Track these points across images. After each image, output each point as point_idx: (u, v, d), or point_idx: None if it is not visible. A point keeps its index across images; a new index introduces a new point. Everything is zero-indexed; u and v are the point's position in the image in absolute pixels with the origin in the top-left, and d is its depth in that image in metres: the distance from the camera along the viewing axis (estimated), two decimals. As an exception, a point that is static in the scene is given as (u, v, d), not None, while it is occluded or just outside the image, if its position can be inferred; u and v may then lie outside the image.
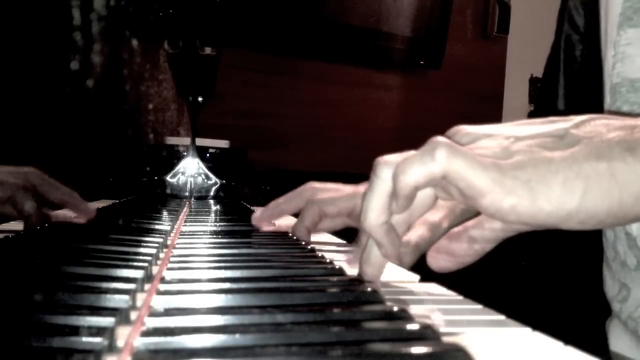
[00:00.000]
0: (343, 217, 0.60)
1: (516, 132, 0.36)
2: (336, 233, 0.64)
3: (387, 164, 0.36)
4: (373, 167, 0.37)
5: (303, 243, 0.54)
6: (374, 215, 0.36)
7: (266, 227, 0.65)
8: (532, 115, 0.70)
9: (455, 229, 0.40)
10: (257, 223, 0.65)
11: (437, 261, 0.40)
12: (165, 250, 0.47)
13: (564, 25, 0.64)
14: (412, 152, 0.36)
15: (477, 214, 0.40)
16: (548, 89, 0.64)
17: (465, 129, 0.39)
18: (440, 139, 0.34)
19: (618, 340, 0.60)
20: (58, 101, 0.86)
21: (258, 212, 0.65)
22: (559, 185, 0.32)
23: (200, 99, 1.19)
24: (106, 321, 0.25)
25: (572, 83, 0.62)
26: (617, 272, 0.58)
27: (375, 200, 0.36)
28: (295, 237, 0.59)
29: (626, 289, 0.57)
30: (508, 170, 0.33)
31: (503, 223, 0.38)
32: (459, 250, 0.40)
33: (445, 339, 0.24)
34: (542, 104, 0.66)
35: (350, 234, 0.59)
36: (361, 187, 0.57)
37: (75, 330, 0.23)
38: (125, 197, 1.09)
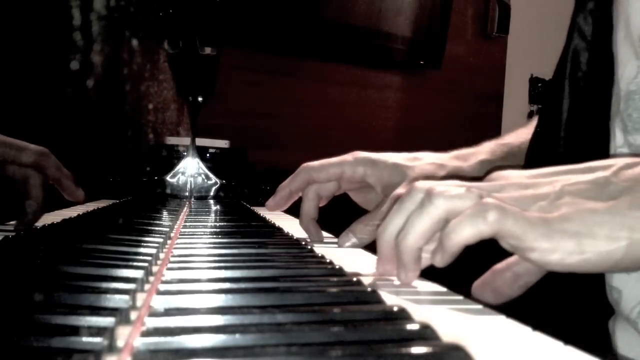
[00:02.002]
0: (334, 184, 0.65)
1: (559, 182, 0.37)
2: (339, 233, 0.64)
3: (444, 197, 0.37)
4: (429, 193, 0.38)
5: (303, 243, 0.54)
6: (415, 239, 0.38)
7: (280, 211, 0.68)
8: (538, 113, 0.70)
9: (499, 265, 0.41)
10: (271, 210, 0.68)
11: (482, 296, 0.42)
12: (165, 250, 0.47)
13: (574, 33, 0.65)
14: (465, 196, 0.37)
15: None
16: (554, 93, 0.65)
17: (507, 178, 0.40)
18: (490, 200, 0.36)
19: (624, 339, 0.59)
20: (58, 101, 0.86)
21: (271, 200, 0.67)
22: (604, 236, 0.34)
23: (200, 99, 1.19)
24: (106, 321, 0.25)
25: (577, 89, 0.63)
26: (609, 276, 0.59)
27: (424, 226, 0.38)
28: (289, 233, 0.60)
29: (617, 292, 0.57)
30: (555, 224, 0.34)
31: None
32: (503, 286, 0.41)
33: (445, 338, 0.24)
34: (548, 106, 0.67)
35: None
36: (348, 156, 0.64)
37: (75, 330, 0.23)
38: (125, 197, 1.09)
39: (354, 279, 0.36)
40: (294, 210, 0.97)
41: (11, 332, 0.23)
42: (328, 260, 0.43)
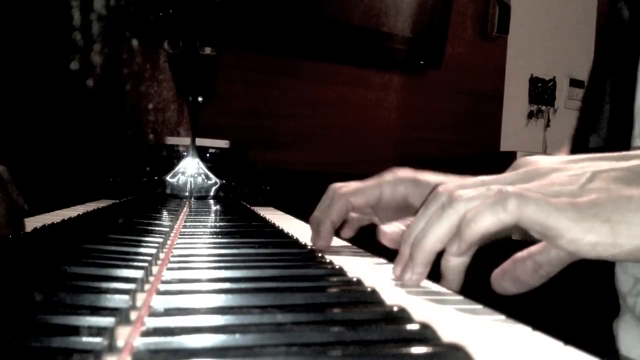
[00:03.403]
0: (369, 211, 0.59)
1: (590, 167, 0.36)
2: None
3: (464, 200, 0.37)
4: (450, 196, 0.38)
5: (303, 243, 0.54)
6: (432, 242, 0.38)
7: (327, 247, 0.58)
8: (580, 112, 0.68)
9: (520, 254, 0.41)
10: (324, 249, 0.56)
11: (501, 285, 0.41)
12: (165, 250, 0.47)
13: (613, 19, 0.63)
14: (484, 194, 0.36)
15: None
16: (594, 96, 0.64)
17: (533, 163, 0.38)
18: (510, 188, 0.35)
19: (628, 337, 0.59)
20: (58, 101, 0.86)
21: (319, 241, 0.57)
22: (639, 223, 0.32)
23: (200, 99, 1.19)
24: (106, 321, 0.25)
25: (618, 89, 0.61)
26: (630, 267, 0.58)
27: (442, 229, 0.37)
28: (289, 233, 0.58)
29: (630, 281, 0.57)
30: (586, 209, 0.33)
31: None
32: (523, 276, 0.40)
33: (445, 338, 0.24)
34: (588, 110, 0.65)
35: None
36: (386, 175, 0.57)
37: (75, 330, 0.23)
38: (125, 197, 1.09)
39: (354, 278, 0.36)
40: (294, 210, 0.97)
41: (11, 332, 0.23)
42: (328, 261, 0.43)
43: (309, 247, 0.51)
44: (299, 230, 0.65)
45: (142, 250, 0.44)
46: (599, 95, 0.62)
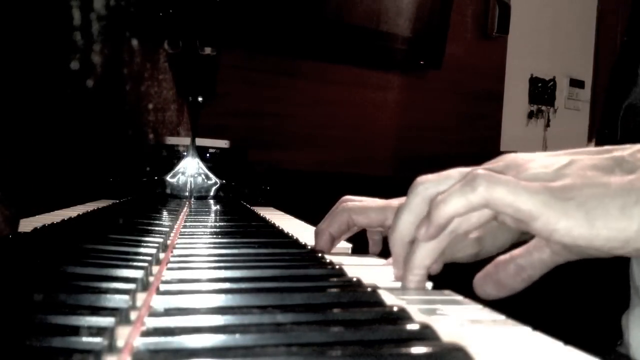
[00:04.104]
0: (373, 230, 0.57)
1: (569, 158, 0.35)
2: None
3: (426, 183, 0.36)
4: (412, 185, 0.37)
5: (303, 243, 0.54)
6: (401, 230, 0.37)
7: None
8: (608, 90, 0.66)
9: (502, 257, 0.40)
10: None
11: (484, 289, 0.40)
12: (165, 250, 0.47)
13: None
14: (452, 175, 0.36)
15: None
16: (624, 74, 0.62)
17: (513, 157, 0.37)
18: (479, 170, 0.34)
19: (637, 333, 0.59)
20: (58, 101, 0.86)
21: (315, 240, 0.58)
22: (617, 210, 0.31)
23: (200, 99, 1.19)
24: (106, 321, 0.25)
25: None
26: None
27: (407, 216, 0.37)
28: (289, 233, 0.58)
29: None
30: (559, 192, 0.32)
31: (552, 251, 0.38)
32: (506, 279, 0.40)
33: (445, 338, 0.24)
34: (620, 75, 0.63)
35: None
36: (394, 201, 0.54)
37: (75, 330, 0.23)
38: (125, 197, 1.09)
39: (354, 279, 0.36)
40: (294, 210, 0.97)
41: (12, 332, 0.23)
42: (328, 261, 0.43)
43: (309, 247, 0.51)
44: (299, 230, 0.65)
45: (142, 250, 0.44)
46: (630, 72, 0.61)
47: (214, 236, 0.58)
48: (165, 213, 0.83)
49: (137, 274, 0.34)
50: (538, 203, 0.32)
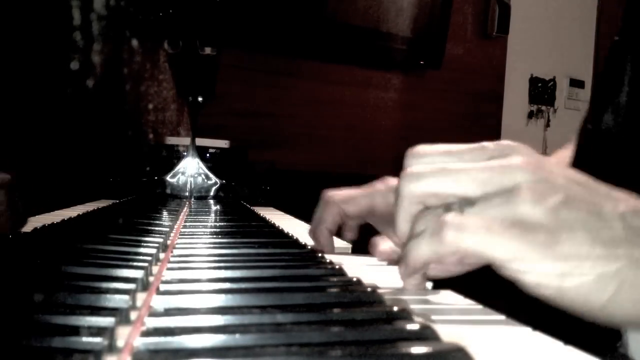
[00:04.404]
0: (362, 218, 0.58)
1: (565, 194, 0.33)
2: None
3: (412, 178, 0.36)
4: (400, 177, 0.37)
5: (303, 243, 0.54)
6: (404, 228, 0.38)
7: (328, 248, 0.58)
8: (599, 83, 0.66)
9: None
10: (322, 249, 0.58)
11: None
12: (165, 250, 0.47)
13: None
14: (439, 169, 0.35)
15: None
16: (612, 76, 0.62)
17: (521, 172, 0.34)
18: (448, 217, 0.33)
19: (635, 335, 0.58)
20: (58, 101, 0.86)
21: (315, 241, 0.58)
22: (592, 277, 0.31)
23: (200, 99, 1.19)
24: (106, 321, 0.25)
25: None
26: None
27: (403, 225, 0.37)
28: (289, 233, 0.58)
29: None
30: (540, 244, 0.31)
31: None
32: (449, 262, 0.39)
33: (445, 338, 0.24)
34: (603, 88, 0.63)
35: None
36: (379, 184, 0.55)
37: (75, 330, 0.23)
38: (125, 197, 1.09)
39: (354, 278, 0.36)
40: (294, 210, 0.97)
41: (12, 332, 0.23)
42: (328, 261, 0.43)
43: (309, 247, 0.51)
44: (299, 230, 0.65)
45: (142, 250, 0.44)
46: (618, 72, 0.61)
47: (214, 236, 0.58)
48: (165, 213, 0.83)
49: (137, 274, 0.34)
50: (509, 254, 0.32)
